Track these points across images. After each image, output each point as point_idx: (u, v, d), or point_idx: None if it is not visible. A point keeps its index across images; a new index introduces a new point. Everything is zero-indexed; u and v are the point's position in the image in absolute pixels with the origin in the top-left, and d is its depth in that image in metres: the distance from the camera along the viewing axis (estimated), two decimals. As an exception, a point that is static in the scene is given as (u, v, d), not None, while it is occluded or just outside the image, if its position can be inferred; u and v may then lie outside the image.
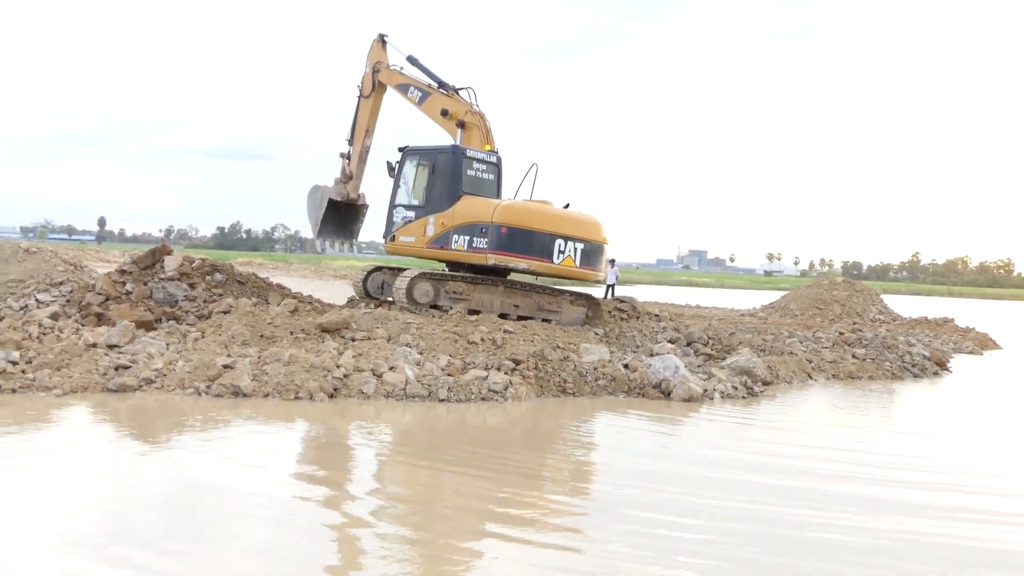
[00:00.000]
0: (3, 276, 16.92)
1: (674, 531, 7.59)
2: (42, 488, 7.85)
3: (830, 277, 44.17)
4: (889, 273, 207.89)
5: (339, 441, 10.89)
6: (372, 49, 21.82)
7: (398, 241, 19.71)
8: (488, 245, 18.18)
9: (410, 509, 8.05)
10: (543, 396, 14.26)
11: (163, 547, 6.54)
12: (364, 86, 21.77)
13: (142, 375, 12.69)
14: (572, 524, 7.78)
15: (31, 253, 17.82)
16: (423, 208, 19.32)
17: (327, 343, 14.76)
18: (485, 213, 18.37)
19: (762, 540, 7.48)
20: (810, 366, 19.39)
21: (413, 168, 19.85)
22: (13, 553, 6.25)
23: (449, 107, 19.89)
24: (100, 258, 59.89)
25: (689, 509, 8.32)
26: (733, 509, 8.42)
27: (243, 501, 7.79)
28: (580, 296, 19.79)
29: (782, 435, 12.58)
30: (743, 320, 32.33)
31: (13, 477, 8.12)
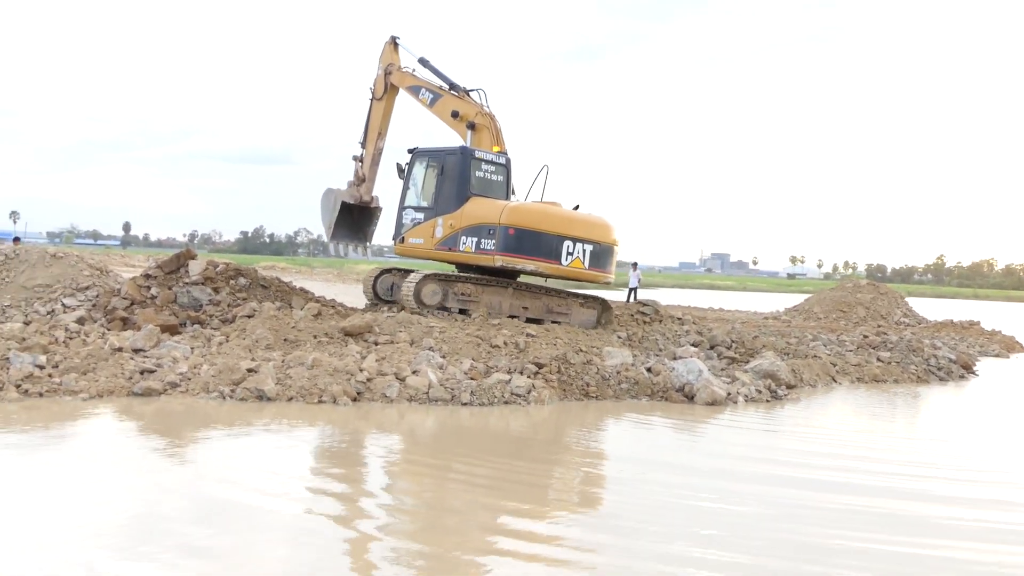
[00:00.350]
0: (30, 281, 17.06)
1: (697, 544, 7.55)
2: (67, 491, 7.90)
3: (854, 280, 43.99)
4: (914, 276, 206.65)
5: (363, 445, 10.91)
6: (384, 51, 21.85)
7: (407, 243, 19.72)
8: (495, 247, 18.06)
9: (428, 518, 8.06)
10: (566, 400, 14.25)
11: (184, 549, 6.58)
12: (376, 88, 21.82)
13: (167, 379, 12.77)
14: (590, 533, 7.75)
15: (58, 258, 17.96)
16: (432, 210, 19.28)
17: (350, 347, 14.81)
18: (493, 214, 18.26)
19: (786, 551, 7.42)
20: (834, 369, 19.29)
21: (422, 170, 19.81)
22: (38, 553, 6.30)
23: (460, 108, 19.88)
24: (125, 263, 60.37)
25: (711, 519, 8.28)
26: (756, 520, 8.36)
27: (264, 505, 7.81)
28: (591, 299, 19.69)
29: (807, 442, 12.46)
30: (766, 323, 32.17)
31: (40, 479, 8.18)
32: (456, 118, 19.88)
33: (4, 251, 18.30)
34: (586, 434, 12.33)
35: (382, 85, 21.67)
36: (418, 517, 7.97)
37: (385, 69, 21.59)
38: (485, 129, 19.59)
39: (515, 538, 7.35)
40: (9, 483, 8.01)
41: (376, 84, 21.83)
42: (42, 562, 6.18)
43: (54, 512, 7.28)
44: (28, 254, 18.03)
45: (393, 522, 7.74)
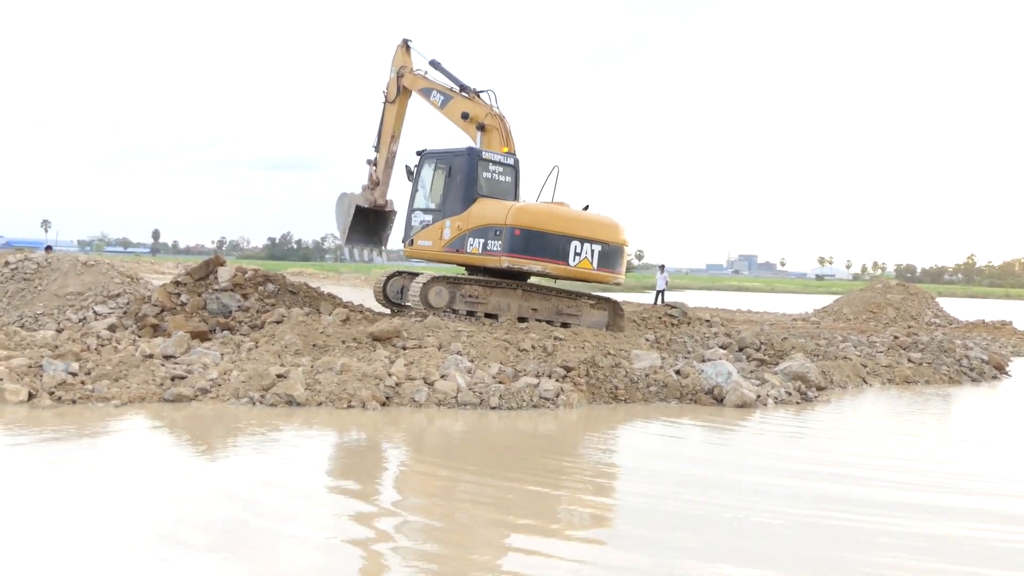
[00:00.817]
0: (62, 289, 17.25)
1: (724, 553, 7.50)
2: (99, 496, 7.96)
3: (883, 280, 43.62)
4: (944, 276, 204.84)
5: (393, 450, 10.94)
6: (396, 54, 21.84)
7: (416, 245, 19.65)
8: (502, 248, 17.94)
9: (447, 528, 8.06)
10: (594, 403, 14.21)
11: (211, 554, 6.62)
12: (389, 91, 21.82)
13: (197, 385, 12.85)
14: (618, 548, 7.72)
15: (89, 266, 18.15)
16: (440, 211, 19.21)
17: (379, 352, 14.85)
18: (499, 215, 18.16)
19: (817, 566, 7.36)
20: (865, 371, 19.14)
21: (430, 171, 19.73)
22: (65, 558, 6.35)
23: (469, 110, 19.82)
24: (155, 270, 60.91)
25: (738, 525, 8.24)
26: (784, 530, 8.30)
27: (291, 510, 7.83)
28: (601, 300, 19.54)
29: (839, 444, 12.36)
30: (795, 325, 32.01)
31: (72, 485, 8.25)
32: (466, 119, 19.85)
33: (36, 260, 18.52)
34: (614, 439, 12.29)
35: (394, 88, 21.68)
36: (442, 527, 7.97)
37: (398, 72, 21.62)
38: (495, 130, 19.52)
39: (531, 554, 7.33)
40: (40, 489, 8.08)
41: (388, 87, 21.86)
42: (70, 567, 6.23)
43: (85, 517, 7.34)
44: (60, 262, 18.24)
45: (420, 530, 7.75)
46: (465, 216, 18.65)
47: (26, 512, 7.40)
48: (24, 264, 18.14)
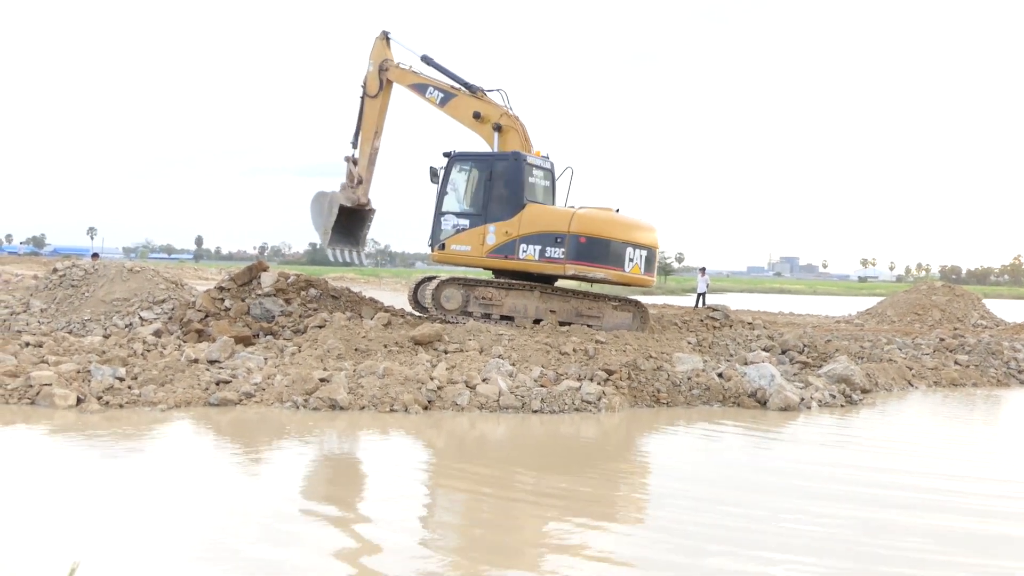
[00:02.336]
0: (109, 295, 17.49)
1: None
2: (147, 499, 8.06)
3: (928, 282, 43.06)
4: (990, 277, 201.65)
5: (436, 454, 10.97)
6: (375, 47, 20.97)
7: (449, 250, 19.20)
8: (566, 255, 17.94)
9: (489, 530, 8.07)
10: (636, 406, 14.17)
11: (256, 556, 6.68)
12: (369, 86, 20.92)
13: (242, 389, 12.98)
14: (652, 550, 7.69)
15: (134, 272, 18.39)
16: (479, 216, 18.90)
17: (420, 355, 14.90)
18: (559, 222, 18.15)
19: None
20: (911, 373, 18.91)
21: (464, 174, 19.44)
22: (113, 560, 6.44)
23: (481, 110, 19.44)
24: (198, 276, 61.24)
25: (787, 540, 8.17)
26: (833, 543, 8.22)
27: (335, 513, 7.88)
28: (625, 301, 19.33)
29: (886, 452, 12.21)
30: (838, 327, 31.68)
31: (120, 488, 8.36)
32: (478, 119, 19.48)
33: (84, 266, 18.80)
34: (657, 443, 12.25)
35: (376, 82, 20.79)
36: (484, 531, 7.98)
37: (380, 65, 20.75)
38: (513, 130, 19.24)
39: (579, 555, 7.32)
40: (89, 493, 8.19)
41: (369, 81, 20.95)
42: (117, 570, 6.31)
43: (133, 521, 7.43)
44: (106, 269, 18.51)
45: (466, 534, 7.77)
46: (515, 222, 18.48)
47: (75, 515, 7.52)
48: (72, 271, 18.44)
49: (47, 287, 18.15)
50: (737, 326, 21.03)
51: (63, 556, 6.35)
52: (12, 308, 17.48)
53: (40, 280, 19.20)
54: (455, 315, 17.95)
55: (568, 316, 18.38)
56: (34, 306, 17.45)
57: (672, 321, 20.76)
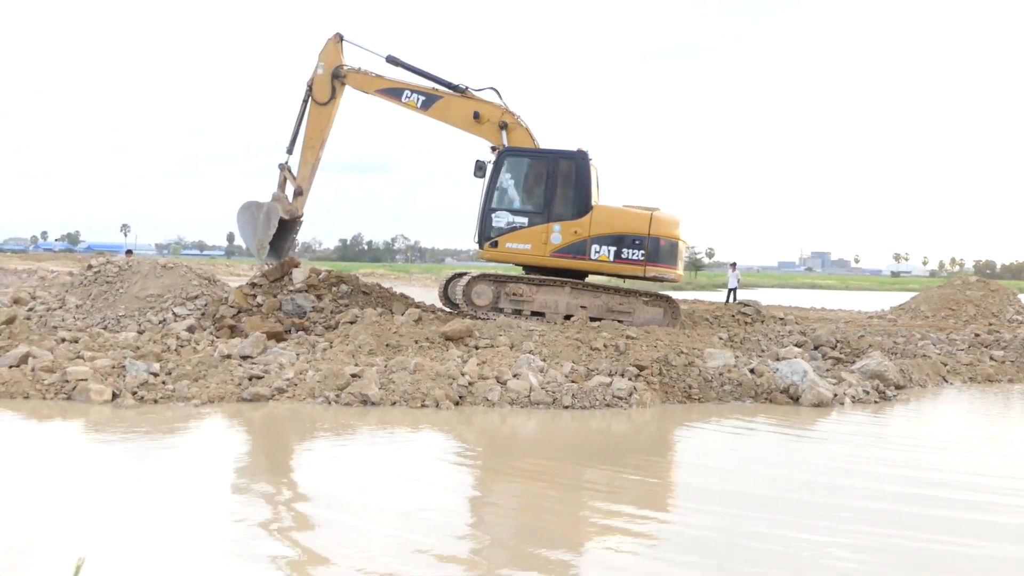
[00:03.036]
0: (143, 291, 17.63)
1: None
2: (180, 493, 8.13)
3: (962, 277, 42.52)
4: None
5: (468, 449, 10.99)
6: (327, 49, 19.59)
7: (503, 248, 18.85)
8: (646, 257, 18.22)
9: (532, 523, 8.07)
10: (668, 402, 14.13)
11: (289, 551, 6.71)
12: (318, 91, 19.48)
13: (274, 385, 13.05)
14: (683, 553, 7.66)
15: (168, 269, 18.52)
16: (540, 215, 18.77)
17: (451, 351, 14.93)
18: (637, 224, 18.37)
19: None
20: (945, 369, 18.74)
21: (519, 171, 19.30)
22: (148, 554, 6.50)
23: (481, 110, 19.05)
24: (231, 272, 61.86)
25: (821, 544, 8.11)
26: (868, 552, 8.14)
27: (367, 510, 7.90)
28: (656, 296, 19.26)
29: (921, 450, 12.09)
30: (871, 322, 31.38)
31: (155, 482, 8.44)
32: (478, 120, 19.08)
33: (118, 263, 18.96)
34: (689, 438, 12.20)
35: (327, 88, 19.45)
36: (525, 522, 7.99)
37: (333, 71, 19.41)
38: (520, 128, 19.11)
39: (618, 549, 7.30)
40: (125, 486, 8.27)
41: (317, 86, 19.49)
42: (151, 563, 6.37)
43: (165, 514, 7.49)
44: (140, 265, 18.65)
45: (501, 527, 7.78)
46: (584, 222, 18.43)
47: (108, 508, 7.59)
48: (106, 267, 18.59)
49: (82, 283, 18.31)
50: (769, 321, 20.91)
51: (89, 550, 6.42)
52: (48, 304, 17.66)
53: (75, 276, 19.36)
54: (486, 311, 17.95)
55: (599, 312, 18.34)
56: (70, 302, 17.62)
57: (703, 317, 20.68)
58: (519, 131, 19.12)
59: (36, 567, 6.17)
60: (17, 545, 6.56)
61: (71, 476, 8.69)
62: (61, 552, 6.45)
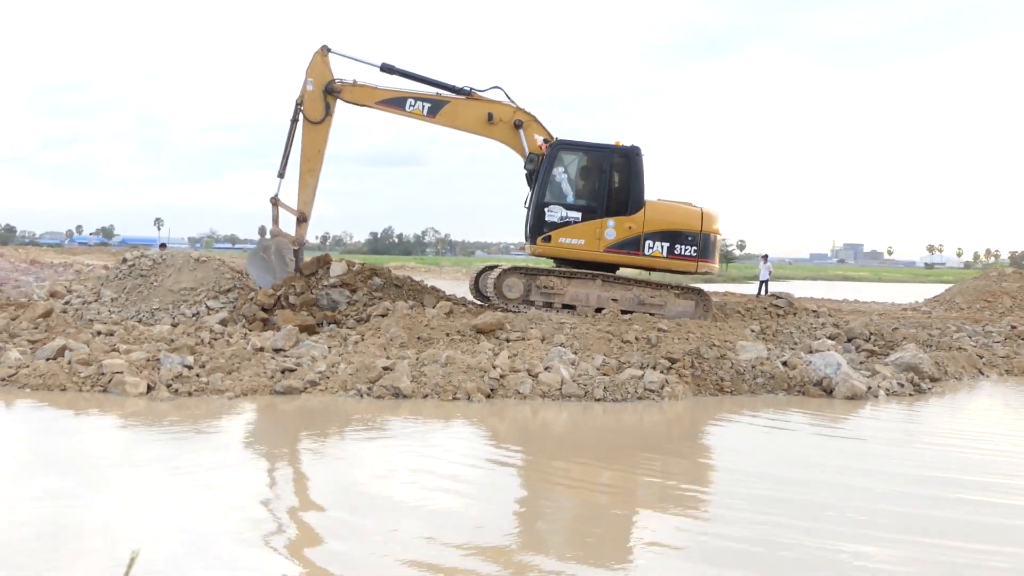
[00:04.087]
0: (176, 284, 17.78)
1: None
2: (214, 485, 8.20)
3: (998, 268, 42.09)
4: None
5: (501, 441, 11.00)
6: (314, 64, 18.58)
7: (556, 243, 18.65)
8: (698, 253, 18.53)
9: (568, 519, 8.07)
10: (700, 395, 14.05)
11: (321, 544, 6.75)
12: (311, 110, 18.44)
13: (307, 378, 13.12)
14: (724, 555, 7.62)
15: (201, 262, 18.65)
16: (593, 210, 18.64)
17: (482, 344, 14.94)
18: (690, 221, 18.62)
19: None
20: (981, 361, 18.52)
21: (571, 165, 19.14)
22: (181, 542, 6.56)
23: (495, 111, 18.75)
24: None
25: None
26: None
27: (400, 504, 7.93)
28: (688, 289, 19.19)
29: (959, 444, 11.97)
30: (905, 315, 31.09)
31: (191, 473, 8.51)
32: (491, 121, 18.79)
33: (152, 256, 19.13)
34: (722, 431, 12.14)
35: (320, 105, 18.46)
36: (561, 519, 7.99)
37: (325, 87, 18.44)
38: (536, 124, 18.97)
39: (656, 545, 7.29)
40: (162, 477, 8.35)
41: (310, 105, 18.43)
42: (182, 551, 6.43)
43: (200, 504, 7.56)
44: (174, 259, 18.80)
45: (536, 523, 7.78)
46: (638, 218, 18.48)
47: (145, 499, 7.67)
48: (141, 261, 18.76)
49: (117, 277, 18.49)
50: (801, 314, 20.77)
51: (127, 541, 6.48)
52: (84, 298, 17.85)
53: (110, 270, 19.55)
54: (517, 304, 17.95)
55: (630, 304, 18.29)
56: (105, 295, 17.80)
57: (735, 309, 20.58)
58: (534, 128, 18.99)
59: (77, 560, 6.23)
60: (59, 535, 6.65)
61: (109, 468, 8.79)
62: (100, 544, 6.52)
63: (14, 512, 7.15)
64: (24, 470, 8.56)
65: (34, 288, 20.67)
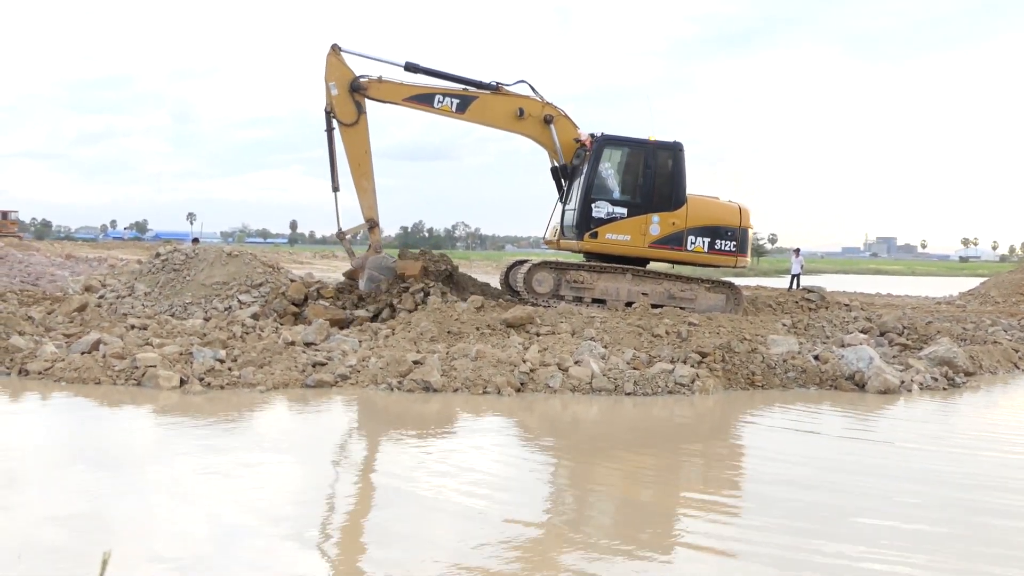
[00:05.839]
0: (209, 279, 17.92)
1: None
2: (248, 477, 8.25)
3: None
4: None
5: (533, 435, 11.01)
6: (331, 66, 18.03)
7: (603, 238, 18.56)
8: (738, 248, 18.75)
9: (601, 512, 8.06)
10: (731, 389, 13.98)
11: (356, 535, 6.78)
12: (343, 112, 17.91)
13: (338, 371, 13.18)
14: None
15: (233, 256, 18.79)
16: (638, 206, 18.63)
17: (512, 338, 14.94)
18: (729, 216, 18.86)
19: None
20: (1016, 356, 18.29)
21: (617, 161, 19.15)
22: (211, 534, 6.61)
23: (526, 107, 18.61)
24: (294, 260, 62.57)
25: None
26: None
27: (431, 499, 7.94)
28: (719, 283, 19.23)
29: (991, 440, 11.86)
30: (939, 308, 30.75)
31: (224, 466, 8.57)
32: (521, 117, 18.59)
33: (185, 251, 19.30)
34: (753, 426, 12.07)
35: (351, 106, 17.91)
36: (595, 511, 7.99)
37: (351, 86, 17.91)
38: (564, 119, 18.90)
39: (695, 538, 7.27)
40: (195, 471, 8.42)
41: (340, 108, 17.89)
42: (213, 548, 6.48)
43: (232, 499, 7.61)
44: (206, 253, 18.96)
45: (569, 516, 7.78)
46: (681, 213, 18.60)
47: (174, 491, 7.74)
48: (173, 255, 18.93)
49: (150, 271, 18.66)
50: (833, 308, 20.63)
51: (165, 537, 6.53)
52: (118, 292, 18.03)
53: (143, 264, 19.74)
54: (547, 298, 17.93)
55: (660, 299, 18.26)
56: (138, 290, 17.98)
57: (766, 303, 20.48)
58: (563, 122, 18.93)
59: (105, 551, 6.30)
60: (92, 529, 6.72)
61: (143, 461, 8.88)
62: (132, 538, 6.59)
63: (48, 505, 7.24)
64: (59, 463, 8.66)
65: (69, 282, 20.91)
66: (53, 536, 6.49)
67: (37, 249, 37.28)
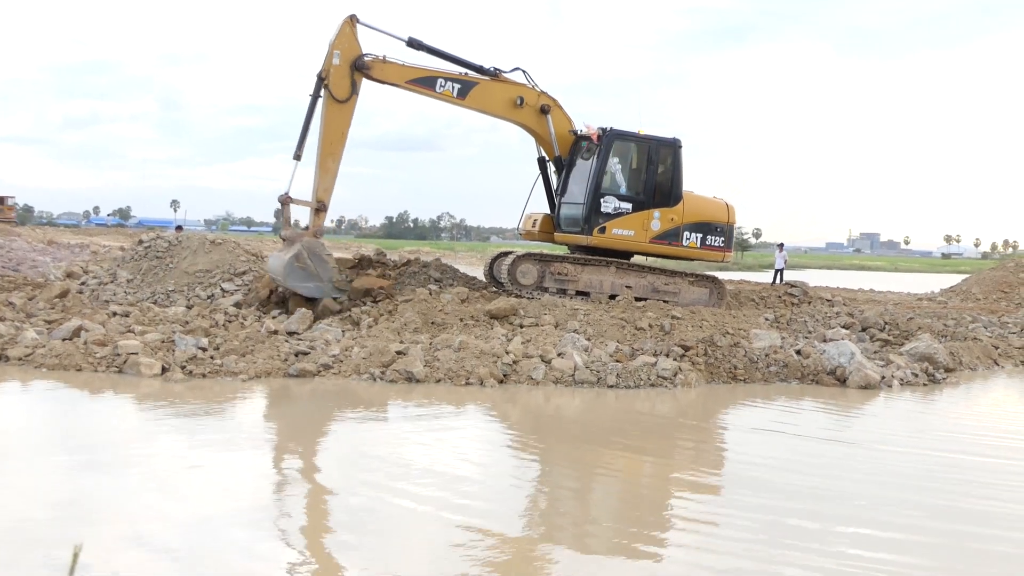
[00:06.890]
0: (192, 267, 17.85)
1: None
2: (226, 467, 8.24)
3: (1015, 259, 41.76)
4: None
5: (514, 426, 11.02)
6: (342, 35, 16.77)
7: (610, 234, 18.45)
8: (725, 244, 19.10)
9: (590, 503, 8.08)
10: (713, 383, 14.02)
11: (333, 534, 6.79)
12: (337, 87, 16.59)
13: (320, 361, 13.15)
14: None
15: (216, 244, 18.72)
16: (642, 201, 18.65)
17: (496, 330, 14.93)
18: (719, 213, 19.17)
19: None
20: (996, 352, 18.41)
21: (624, 155, 19.14)
22: (194, 528, 6.60)
23: (524, 95, 18.28)
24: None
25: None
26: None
27: (411, 492, 7.95)
28: (702, 277, 19.34)
29: (971, 433, 11.95)
30: (921, 305, 30.88)
31: (204, 456, 8.56)
32: (520, 105, 18.26)
33: (168, 239, 19.22)
34: (734, 419, 12.13)
35: (347, 82, 16.68)
36: (585, 501, 8.01)
37: (353, 62, 16.71)
38: (559, 110, 18.80)
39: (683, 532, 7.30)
40: (175, 458, 8.40)
41: (336, 82, 16.57)
42: (194, 533, 6.47)
43: (212, 486, 7.60)
44: (189, 241, 18.89)
45: (549, 509, 7.80)
46: (678, 209, 18.71)
47: (153, 481, 7.72)
48: (156, 243, 18.85)
49: (133, 258, 18.58)
50: (816, 303, 20.72)
51: (134, 522, 6.52)
52: (100, 278, 17.95)
53: (126, 251, 19.67)
54: (531, 290, 17.90)
55: (644, 292, 18.25)
56: (121, 277, 17.89)
57: (749, 297, 20.55)
58: (559, 113, 18.84)
59: (89, 538, 6.29)
60: (72, 514, 6.70)
61: (124, 448, 8.85)
62: (112, 522, 6.58)
63: (30, 490, 7.22)
64: (40, 449, 8.64)
65: (51, 269, 20.81)
66: (32, 523, 6.47)
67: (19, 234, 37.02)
